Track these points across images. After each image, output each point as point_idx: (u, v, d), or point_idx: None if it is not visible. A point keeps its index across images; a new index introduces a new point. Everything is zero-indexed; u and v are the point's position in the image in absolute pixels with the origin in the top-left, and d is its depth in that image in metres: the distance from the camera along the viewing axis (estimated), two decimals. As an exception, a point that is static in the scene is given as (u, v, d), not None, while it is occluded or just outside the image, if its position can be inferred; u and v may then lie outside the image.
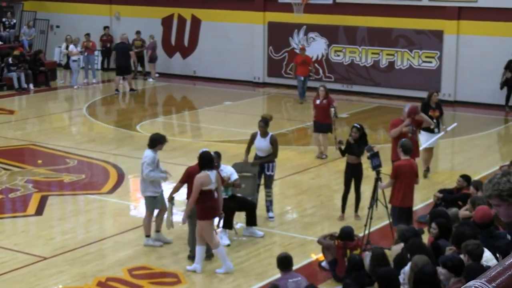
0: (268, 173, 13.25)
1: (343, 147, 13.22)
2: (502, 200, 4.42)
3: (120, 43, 26.48)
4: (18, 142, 19.17)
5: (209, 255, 11.52)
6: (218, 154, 12.05)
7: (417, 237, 9.51)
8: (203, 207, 10.96)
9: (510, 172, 4.55)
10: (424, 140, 15.52)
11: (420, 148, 14.99)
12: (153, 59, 28.20)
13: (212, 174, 10.96)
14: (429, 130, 15.49)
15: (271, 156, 13.29)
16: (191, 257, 11.46)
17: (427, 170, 15.88)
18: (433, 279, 7.75)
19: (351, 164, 13.24)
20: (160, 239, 12.14)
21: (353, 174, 13.26)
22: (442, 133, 15.88)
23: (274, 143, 13.21)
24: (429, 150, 15.88)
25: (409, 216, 11.65)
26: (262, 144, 13.24)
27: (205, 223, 11.02)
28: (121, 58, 25.82)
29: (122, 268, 11.21)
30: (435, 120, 15.47)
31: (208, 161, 11.03)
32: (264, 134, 13.23)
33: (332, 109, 16.82)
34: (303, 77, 24.07)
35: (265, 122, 13.31)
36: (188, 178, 11.44)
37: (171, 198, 11.70)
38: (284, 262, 9.40)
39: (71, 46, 26.87)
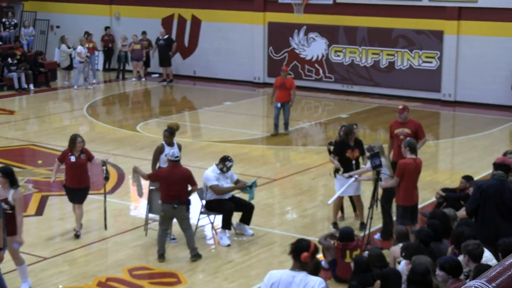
0: None
1: (331, 147, 12.99)
2: None
3: (169, 37, 28.14)
4: (18, 142, 19.17)
5: (195, 255, 11.50)
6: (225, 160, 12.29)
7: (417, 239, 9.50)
8: None
9: None
10: (338, 186, 12.62)
11: (331, 200, 12.64)
12: (140, 59, 28.25)
13: None
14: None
15: None
16: (192, 257, 11.50)
17: (339, 219, 13.16)
18: (424, 279, 7.78)
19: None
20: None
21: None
22: (354, 177, 12.28)
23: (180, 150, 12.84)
24: (356, 197, 13.02)
25: (413, 215, 11.58)
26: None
27: None
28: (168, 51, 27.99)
29: (122, 268, 11.21)
30: (353, 162, 12.68)
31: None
32: (170, 144, 12.89)
33: (104, 168, 12.53)
34: (279, 104, 19.46)
35: (170, 132, 12.96)
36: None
37: None
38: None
39: (79, 48, 26.84)
